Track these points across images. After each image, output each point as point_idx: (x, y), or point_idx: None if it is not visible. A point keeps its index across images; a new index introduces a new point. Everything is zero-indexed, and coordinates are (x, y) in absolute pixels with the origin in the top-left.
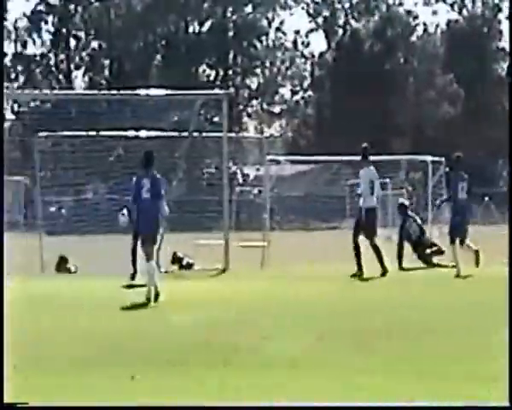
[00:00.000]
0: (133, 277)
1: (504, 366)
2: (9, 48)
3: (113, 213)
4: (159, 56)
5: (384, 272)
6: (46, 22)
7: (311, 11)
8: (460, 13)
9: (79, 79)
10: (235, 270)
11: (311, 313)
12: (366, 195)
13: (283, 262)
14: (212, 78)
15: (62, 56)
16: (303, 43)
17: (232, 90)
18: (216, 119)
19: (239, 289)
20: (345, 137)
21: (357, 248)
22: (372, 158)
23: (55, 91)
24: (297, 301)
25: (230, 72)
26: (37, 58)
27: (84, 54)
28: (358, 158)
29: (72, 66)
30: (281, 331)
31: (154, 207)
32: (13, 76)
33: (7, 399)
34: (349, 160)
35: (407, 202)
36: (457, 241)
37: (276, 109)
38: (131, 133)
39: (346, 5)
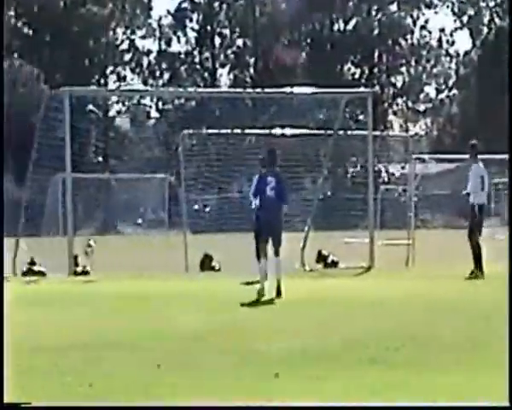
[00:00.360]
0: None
1: None
2: (154, 45)
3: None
4: (304, 54)
5: (476, 271)
6: (191, 20)
7: (456, 10)
8: None
9: (224, 76)
10: (380, 268)
11: (456, 313)
12: (476, 191)
13: (428, 261)
14: (357, 76)
15: (207, 54)
16: (448, 41)
17: (377, 88)
18: (361, 117)
19: (383, 287)
20: (490, 135)
21: (478, 247)
22: None
23: (200, 89)
24: (441, 300)
25: (375, 70)
26: (182, 56)
27: (228, 52)
28: (503, 156)
29: (216, 64)
30: (426, 332)
31: (277, 206)
32: (157, 74)
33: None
34: (493, 158)
35: None
36: None
37: (421, 108)
38: (277, 131)
39: (491, 4)
